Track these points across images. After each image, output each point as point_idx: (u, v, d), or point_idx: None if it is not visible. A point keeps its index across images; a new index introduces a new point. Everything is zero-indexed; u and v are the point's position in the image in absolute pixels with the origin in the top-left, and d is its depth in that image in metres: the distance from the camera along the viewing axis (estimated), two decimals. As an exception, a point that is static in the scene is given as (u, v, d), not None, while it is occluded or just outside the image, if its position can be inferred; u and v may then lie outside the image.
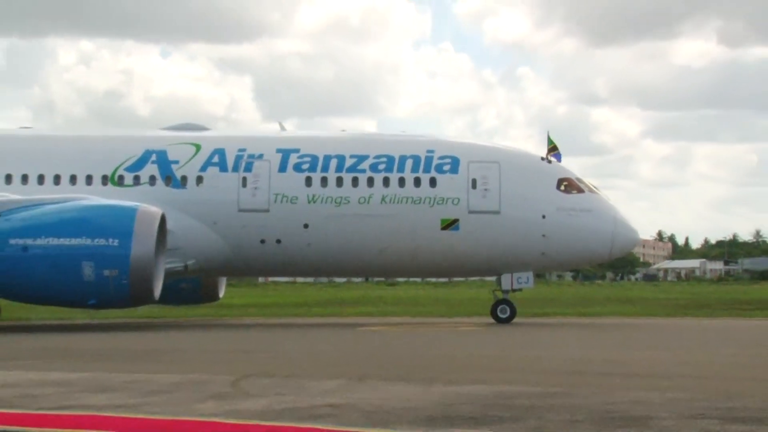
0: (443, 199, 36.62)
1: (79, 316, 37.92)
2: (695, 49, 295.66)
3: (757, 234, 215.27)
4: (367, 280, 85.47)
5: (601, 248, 38.23)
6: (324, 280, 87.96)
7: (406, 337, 33.04)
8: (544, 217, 36.44)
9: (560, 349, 26.94)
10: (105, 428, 13.36)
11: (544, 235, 36.48)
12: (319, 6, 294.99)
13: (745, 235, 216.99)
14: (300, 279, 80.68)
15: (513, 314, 37.26)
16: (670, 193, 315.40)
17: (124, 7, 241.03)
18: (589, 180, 38.06)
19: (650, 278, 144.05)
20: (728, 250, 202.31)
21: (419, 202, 36.66)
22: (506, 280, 37.10)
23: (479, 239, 36.64)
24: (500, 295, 37.71)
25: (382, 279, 79.87)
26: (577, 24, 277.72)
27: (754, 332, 35.79)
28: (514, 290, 37.33)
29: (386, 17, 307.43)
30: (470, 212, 36.51)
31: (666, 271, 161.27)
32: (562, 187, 36.92)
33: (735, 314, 49.26)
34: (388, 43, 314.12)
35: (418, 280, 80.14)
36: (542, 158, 37.65)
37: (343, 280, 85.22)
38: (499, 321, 37.13)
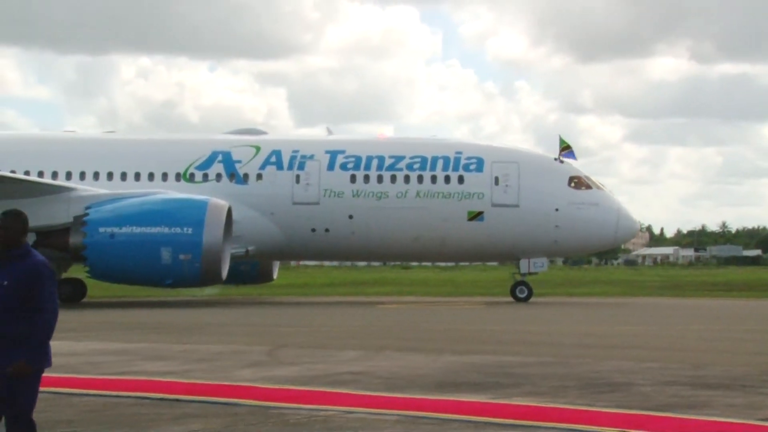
0: (470, 194, 36.54)
1: (155, 294, 38.12)
2: (668, 66, 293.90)
3: (723, 225, 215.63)
4: (386, 264, 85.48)
5: (606, 237, 38.36)
6: (348, 263, 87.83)
7: (418, 314, 32.95)
8: (557, 210, 36.36)
9: (552, 325, 26.85)
10: (157, 391, 13.33)
11: (557, 226, 36.44)
12: (344, 27, 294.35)
13: (712, 226, 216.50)
14: (326, 263, 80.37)
15: (530, 294, 37.18)
16: (647, 189, 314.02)
17: (178, 29, 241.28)
18: (596, 178, 38.26)
19: (630, 263, 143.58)
20: (697, 239, 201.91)
21: (449, 197, 36.61)
22: (524, 265, 36.99)
23: (501, 229, 36.53)
24: (519, 278, 37.61)
25: (406, 263, 79.79)
26: (566, 43, 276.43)
27: (721, 310, 35.63)
28: (530, 273, 37.27)
29: (403, 38, 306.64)
30: (493, 205, 36.45)
31: (644, 257, 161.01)
32: (573, 184, 36.82)
33: (704, 295, 49.04)
34: (404, 59, 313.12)
35: (429, 264, 79.96)
36: (555, 159, 37.49)
37: (363, 264, 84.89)
38: (518, 300, 37.05)
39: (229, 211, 34.24)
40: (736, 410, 11.74)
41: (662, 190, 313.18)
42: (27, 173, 35.86)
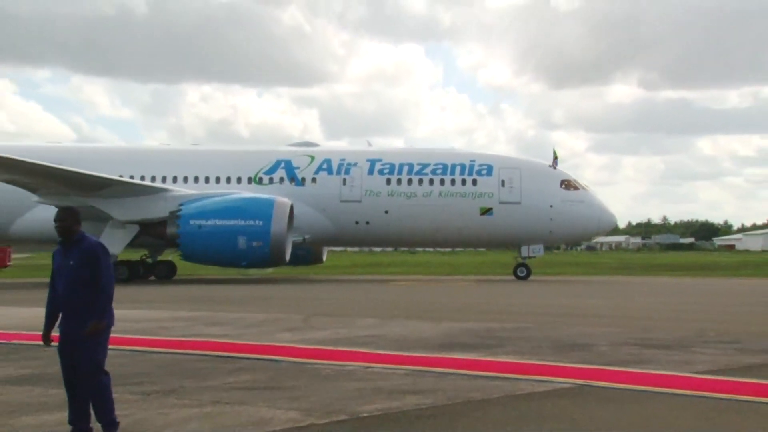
0: (481, 194, 36.72)
1: (232, 273, 38.42)
2: (622, 92, 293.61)
3: (665, 218, 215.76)
4: (396, 249, 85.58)
5: (591, 228, 38.44)
6: (366, 249, 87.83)
7: (422, 289, 32.92)
8: (551, 206, 36.56)
9: (529, 298, 26.82)
10: (215, 350, 13.37)
11: (551, 219, 36.61)
12: (364, 60, 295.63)
13: (656, 219, 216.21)
14: (349, 248, 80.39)
15: (529, 273, 37.45)
16: (605, 189, 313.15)
17: (232, 63, 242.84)
18: (583, 181, 38.44)
19: (591, 248, 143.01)
20: (644, 229, 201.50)
21: (465, 196, 36.79)
22: (524, 250, 37.24)
23: (506, 221, 36.65)
24: (520, 260, 37.79)
25: (413, 249, 79.90)
26: (542, 74, 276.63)
27: (663, 286, 35.58)
28: (530, 257, 37.41)
29: (411, 69, 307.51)
30: (500, 203, 36.62)
31: (602, 243, 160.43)
32: (564, 186, 36.95)
33: (650, 273, 49.03)
34: (412, 86, 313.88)
35: (430, 249, 79.93)
36: (550, 166, 37.69)
37: (378, 249, 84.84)
38: (519, 278, 37.32)
39: (291, 207, 34.65)
40: (675, 365, 11.79)
41: (617, 190, 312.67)
42: (132, 177, 36.32)
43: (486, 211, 36.64)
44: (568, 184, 37.09)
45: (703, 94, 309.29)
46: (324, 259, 42.92)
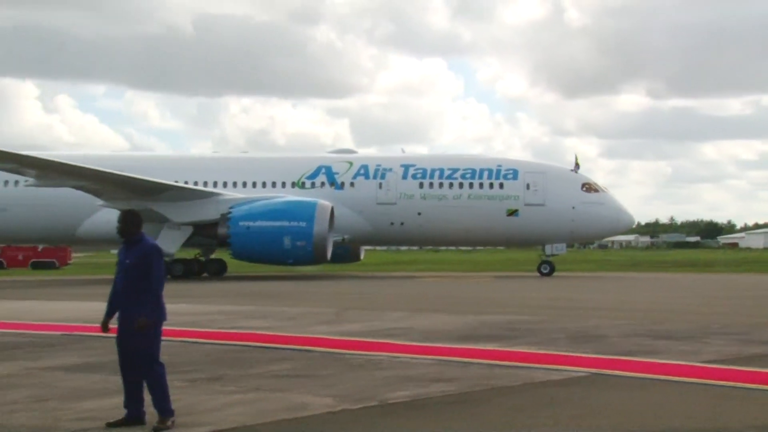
0: (508, 197, 36.40)
1: (277, 270, 38.55)
2: (630, 101, 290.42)
3: (671, 218, 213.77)
4: (421, 248, 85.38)
5: (609, 228, 38.28)
6: (393, 248, 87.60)
7: (446, 285, 32.88)
8: (573, 208, 36.14)
9: (545, 293, 26.72)
10: (257, 341, 13.40)
11: (573, 220, 36.22)
12: (392, 74, 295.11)
13: (663, 219, 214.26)
14: (378, 247, 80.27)
15: (552, 270, 36.89)
16: (615, 192, 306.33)
17: (270, 77, 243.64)
18: (602, 184, 38.44)
19: (602, 247, 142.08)
20: (652, 228, 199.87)
21: (492, 198, 36.46)
22: (548, 248, 36.80)
23: (531, 222, 36.27)
24: (544, 258, 37.27)
25: (436, 248, 79.68)
26: (555, 84, 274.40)
27: (671, 282, 35.35)
28: (553, 255, 36.98)
29: (435, 81, 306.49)
30: (526, 205, 36.25)
31: (612, 242, 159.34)
32: (585, 189, 36.56)
33: (657, 270, 48.66)
34: (436, 97, 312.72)
35: (453, 248, 79.68)
36: (571, 170, 37.44)
37: (405, 248, 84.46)
38: (543, 275, 36.75)
39: (332, 209, 34.53)
40: (683, 355, 11.69)
41: (626, 192, 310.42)
42: (186, 183, 36.44)
43: (512, 213, 36.33)
44: (588, 187, 36.74)
45: (706, 102, 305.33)
46: (362, 257, 42.81)
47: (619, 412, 8.01)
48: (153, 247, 7.76)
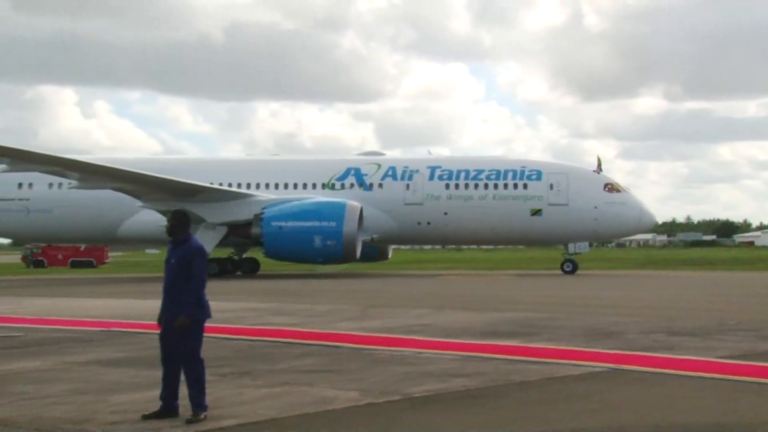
0: (532, 197, 36.22)
1: (308, 268, 38.67)
2: (648, 103, 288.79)
3: (688, 218, 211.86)
4: (444, 247, 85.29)
5: (631, 227, 38.03)
6: (416, 247, 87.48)
7: (467, 283, 32.82)
8: (595, 207, 35.88)
9: (564, 291, 26.59)
10: (284, 337, 13.43)
11: (595, 219, 35.96)
12: (415, 79, 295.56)
13: (680, 219, 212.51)
14: (402, 246, 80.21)
15: (575, 268, 36.71)
16: (633, 192, 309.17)
17: (298, 82, 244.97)
18: (624, 184, 38.09)
19: (620, 245, 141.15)
20: (670, 227, 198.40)
21: (517, 199, 36.30)
22: (571, 247, 36.69)
23: (555, 222, 36.08)
24: (567, 256, 37.13)
25: (459, 246, 79.51)
26: (574, 88, 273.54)
27: (687, 279, 35.03)
28: (576, 253, 36.79)
29: (456, 85, 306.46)
30: (549, 205, 36.05)
31: (630, 241, 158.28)
32: (607, 189, 36.26)
33: (674, 268, 48.28)
34: (458, 101, 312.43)
35: (474, 246, 79.56)
36: (594, 171, 37.12)
37: (428, 246, 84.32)
38: (565, 272, 36.56)
39: (361, 210, 34.64)
40: (699, 351, 11.58)
41: (644, 193, 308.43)
42: (221, 184, 36.58)
43: (536, 212, 36.17)
44: (611, 188, 36.46)
45: (722, 104, 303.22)
46: (389, 256, 42.74)
47: (637, 407, 7.94)
48: (197, 248, 7.77)
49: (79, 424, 7.27)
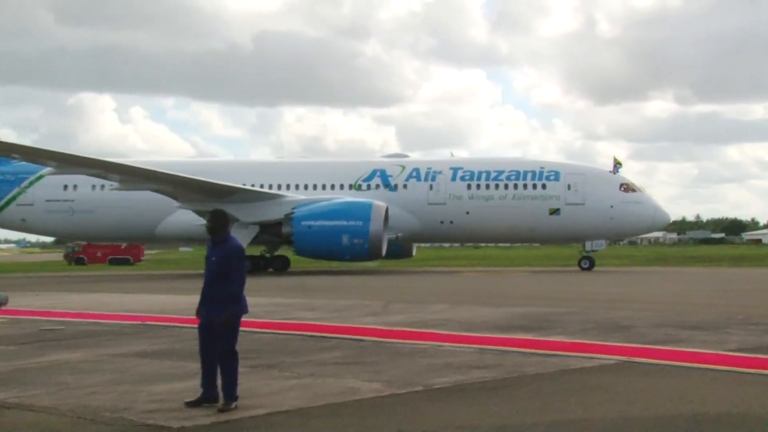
0: (550, 197, 36.07)
1: (336, 266, 38.72)
2: (658, 106, 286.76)
3: (697, 216, 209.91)
4: (462, 245, 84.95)
5: (646, 226, 37.77)
6: (436, 245, 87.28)
7: (485, 279, 32.75)
8: (611, 206, 35.69)
9: (576, 286, 26.47)
10: (310, 331, 13.48)
11: (611, 218, 35.80)
12: (434, 84, 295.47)
13: (690, 217, 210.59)
14: (426, 244, 80.00)
15: (592, 265, 36.53)
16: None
17: (323, 88, 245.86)
18: (639, 184, 37.73)
19: (632, 243, 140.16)
20: (679, 226, 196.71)
21: (536, 198, 36.15)
22: (588, 245, 36.43)
23: (572, 220, 35.93)
24: (584, 253, 36.87)
25: (476, 244, 79.22)
26: (587, 92, 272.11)
27: (696, 275, 34.75)
28: (593, 251, 36.56)
29: (474, 90, 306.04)
30: (567, 204, 35.87)
31: (641, 238, 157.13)
32: (622, 189, 36.03)
33: (683, 265, 47.93)
34: (476, 105, 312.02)
35: (492, 244, 79.26)
36: (610, 171, 36.87)
37: (447, 245, 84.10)
38: (583, 269, 36.39)
39: (387, 209, 34.60)
40: (708, 344, 11.50)
41: (654, 192, 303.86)
42: (253, 186, 36.70)
43: (554, 212, 36.00)
44: (626, 187, 36.23)
45: (730, 107, 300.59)
46: (414, 253, 42.55)
47: (647, 398, 7.91)
48: (235, 248, 7.80)
49: (117, 413, 7.35)
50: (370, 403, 7.68)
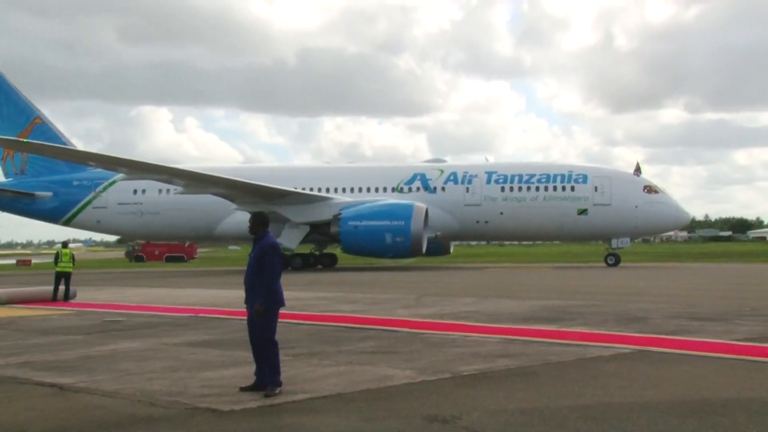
0: (578, 198, 35.90)
1: (379, 263, 38.81)
2: (671, 114, 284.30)
3: (706, 216, 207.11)
4: (488, 242, 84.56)
5: (669, 224, 37.48)
6: (464, 243, 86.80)
7: (510, 275, 32.57)
8: (636, 207, 35.49)
9: (595, 281, 26.23)
10: (348, 322, 13.50)
11: (636, 217, 35.56)
12: (462, 94, 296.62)
13: (699, 216, 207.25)
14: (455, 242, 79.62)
15: (617, 262, 36.31)
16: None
17: (359, 100, 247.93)
18: (661, 186, 37.51)
19: (646, 240, 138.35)
20: (690, 225, 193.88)
21: (565, 200, 35.99)
22: (614, 242, 36.20)
23: (599, 220, 35.77)
24: (610, 250, 36.69)
25: (501, 242, 78.92)
26: (605, 101, 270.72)
27: (706, 270, 34.30)
28: (618, 248, 36.31)
29: (499, 100, 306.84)
30: (594, 205, 35.70)
31: (655, 236, 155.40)
32: (646, 190, 35.81)
33: (694, 260, 47.31)
34: (501, 113, 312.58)
35: (515, 242, 78.84)
36: (634, 173, 36.58)
37: (474, 243, 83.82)
38: (609, 265, 36.16)
39: (426, 210, 34.60)
40: (719, 334, 11.32)
41: (670, 194, 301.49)
42: (304, 189, 36.85)
43: (582, 212, 35.82)
44: (650, 189, 35.97)
45: (739, 115, 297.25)
46: (451, 251, 42.33)
47: (661, 384, 7.80)
48: (270, 245, 7.77)
49: (173, 396, 7.40)
50: (403, 389, 7.64)
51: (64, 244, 21.58)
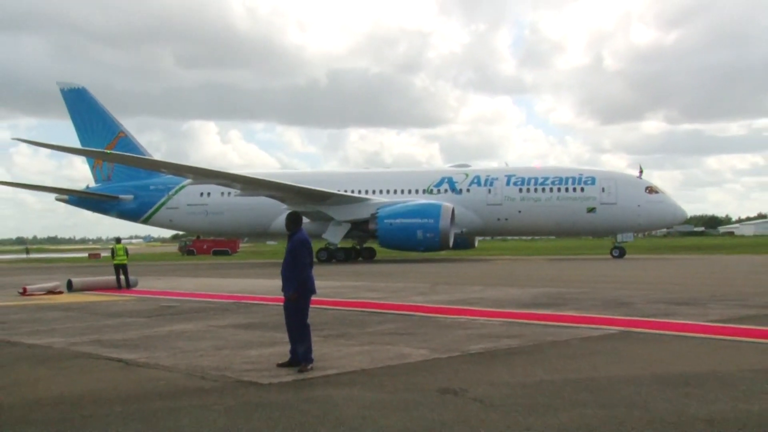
0: (588, 198, 35.52)
1: (411, 256, 38.62)
2: (652, 125, 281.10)
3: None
4: (493, 238, 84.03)
5: (668, 221, 36.98)
6: (478, 237, 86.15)
7: (514, 265, 32.40)
8: (639, 206, 35.09)
9: (586, 271, 26.04)
10: (370, 307, 13.47)
11: (639, 215, 35.19)
12: (471, 108, 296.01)
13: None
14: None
15: (622, 254, 35.89)
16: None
17: (380, 113, 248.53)
18: (661, 187, 36.91)
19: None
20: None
21: (576, 200, 35.62)
22: (619, 237, 35.90)
23: (606, 217, 35.43)
24: (616, 244, 36.26)
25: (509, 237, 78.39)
26: (595, 114, 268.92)
27: (682, 261, 33.95)
28: (623, 242, 35.96)
29: (503, 113, 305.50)
30: (601, 204, 35.32)
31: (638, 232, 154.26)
32: (648, 191, 35.35)
33: (672, 253, 46.87)
34: (505, 125, 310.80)
35: (520, 237, 78.36)
36: (637, 176, 36.13)
37: (488, 237, 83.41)
38: (614, 257, 35.77)
39: (453, 209, 34.55)
40: (693, 316, 11.20)
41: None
42: (346, 191, 36.82)
43: (591, 210, 35.48)
44: (651, 189, 35.55)
45: (711, 126, 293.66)
46: (476, 245, 41.97)
47: (644, 360, 7.73)
48: (299, 240, 7.72)
49: (220, 371, 7.43)
50: (419, 366, 7.63)
51: (117, 240, 21.73)
